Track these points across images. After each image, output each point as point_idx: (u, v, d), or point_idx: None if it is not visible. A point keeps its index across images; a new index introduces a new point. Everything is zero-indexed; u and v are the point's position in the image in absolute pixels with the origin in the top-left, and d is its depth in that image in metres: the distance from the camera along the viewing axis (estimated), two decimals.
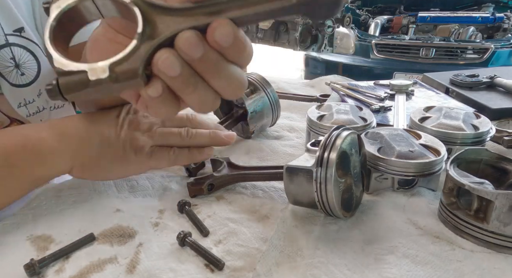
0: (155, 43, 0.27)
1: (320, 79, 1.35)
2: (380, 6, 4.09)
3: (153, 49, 0.27)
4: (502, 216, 0.50)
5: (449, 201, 0.57)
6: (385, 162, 0.62)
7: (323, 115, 0.81)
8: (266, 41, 1.99)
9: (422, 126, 0.78)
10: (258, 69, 1.13)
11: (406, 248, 0.52)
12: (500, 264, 0.49)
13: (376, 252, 0.52)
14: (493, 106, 0.97)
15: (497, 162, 0.62)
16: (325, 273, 0.48)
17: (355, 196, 0.58)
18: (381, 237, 0.54)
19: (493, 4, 3.68)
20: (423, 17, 3.52)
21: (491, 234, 0.51)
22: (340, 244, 0.53)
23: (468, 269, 0.48)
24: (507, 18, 3.33)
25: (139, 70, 0.27)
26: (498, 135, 0.77)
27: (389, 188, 0.66)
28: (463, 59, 2.85)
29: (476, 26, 3.27)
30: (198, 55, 0.26)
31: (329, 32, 1.88)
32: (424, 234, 0.55)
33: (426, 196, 0.64)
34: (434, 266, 0.49)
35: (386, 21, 3.65)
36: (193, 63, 0.27)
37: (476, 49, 2.86)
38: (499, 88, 1.09)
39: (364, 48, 3.09)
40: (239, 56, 0.28)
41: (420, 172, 0.62)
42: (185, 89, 0.28)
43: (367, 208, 0.61)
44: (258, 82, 0.83)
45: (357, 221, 0.58)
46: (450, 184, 0.57)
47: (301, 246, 0.52)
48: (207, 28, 0.27)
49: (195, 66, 0.28)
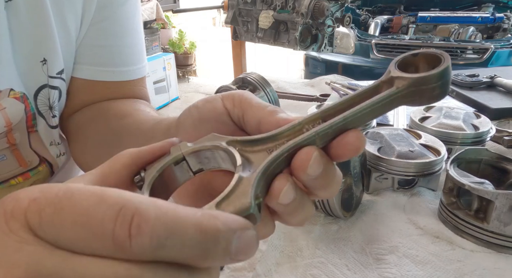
0: (261, 170, 0.24)
1: (320, 79, 1.35)
2: (380, 6, 4.09)
3: (260, 176, 0.23)
4: (502, 216, 0.50)
5: (449, 201, 0.57)
6: (385, 161, 0.62)
7: None
8: (266, 41, 1.98)
9: (422, 126, 0.77)
10: (258, 69, 1.13)
11: (406, 248, 0.52)
12: (500, 264, 0.49)
13: (376, 252, 0.52)
14: (493, 106, 0.96)
15: (497, 162, 0.62)
16: (325, 273, 0.48)
17: (355, 196, 0.58)
18: (381, 237, 0.54)
19: (493, 4, 3.68)
20: (423, 17, 3.51)
21: (491, 234, 0.51)
22: (340, 244, 0.53)
23: (468, 269, 0.48)
24: (507, 18, 3.33)
25: (251, 204, 0.22)
26: (498, 135, 0.77)
27: (389, 188, 0.66)
28: (463, 59, 2.85)
29: (476, 26, 3.27)
30: (320, 172, 0.24)
31: (329, 32, 1.88)
32: (424, 234, 0.55)
33: (426, 196, 0.64)
34: (434, 266, 0.49)
35: (386, 21, 3.65)
36: (307, 182, 0.24)
37: (476, 49, 2.86)
38: (499, 88, 1.09)
39: (364, 48, 3.09)
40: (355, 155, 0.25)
41: (420, 172, 0.62)
42: (294, 212, 0.25)
43: (367, 208, 0.61)
44: (257, 82, 0.83)
45: (357, 221, 0.58)
46: (450, 184, 0.57)
47: (301, 246, 0.52)
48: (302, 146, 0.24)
49: (309, 184, 0.25)
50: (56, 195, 0.18)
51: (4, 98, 0.46)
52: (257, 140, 0.26)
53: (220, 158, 0.26)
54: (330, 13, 1.87)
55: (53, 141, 0.56)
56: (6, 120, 0.47)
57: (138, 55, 0.58)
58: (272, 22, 1.94)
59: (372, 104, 0.24)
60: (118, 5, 0.53)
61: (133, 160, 0.24)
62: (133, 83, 0.57)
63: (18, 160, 0.52)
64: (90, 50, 0.53)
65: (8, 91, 0.46)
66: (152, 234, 0.17)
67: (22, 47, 0.46)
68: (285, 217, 0.25)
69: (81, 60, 0.54)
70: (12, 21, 0.44)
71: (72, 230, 0.17)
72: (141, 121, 0.47)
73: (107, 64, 0.55)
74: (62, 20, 0.49)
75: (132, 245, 0.17)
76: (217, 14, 7.01)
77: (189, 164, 0.26)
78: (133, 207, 0.17)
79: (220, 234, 0.18)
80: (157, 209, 0.17)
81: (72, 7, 0.49)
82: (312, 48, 1.99)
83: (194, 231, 0.18)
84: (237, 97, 0.29)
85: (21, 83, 0.47)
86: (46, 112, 0.52)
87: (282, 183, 0.24)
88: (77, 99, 0.56)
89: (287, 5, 1.90)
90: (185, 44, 4.81)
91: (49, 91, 0.51)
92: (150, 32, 3.95)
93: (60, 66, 0.50)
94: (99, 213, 0.17)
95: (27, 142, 0.52)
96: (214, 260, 0.18)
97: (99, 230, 0.17)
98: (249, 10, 2.08)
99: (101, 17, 0.52)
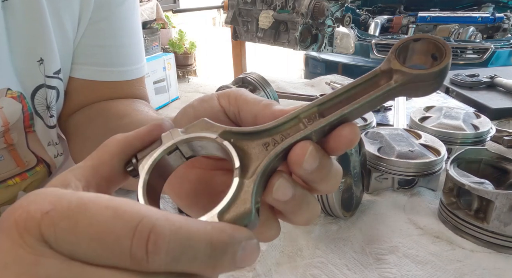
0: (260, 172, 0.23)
1: (320, 78, 1.35)
2: (380, 6, 4.09)
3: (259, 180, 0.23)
4: (502, 215, 0.50)
5: (449, 201, 0.57)
6: (385, 161, 0.62)
7: None
8: (266, 41, 1.98)
9: (422, 126, 0.77)
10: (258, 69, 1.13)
11: (406, 248, 0.52)
12: (500, 264, 0.49)
13: (376, 252, 0.52)
14: (493, 106, 0.97)
15: (497, 162, 0.62)
16: (325, 273, 0.48)
17: (355, 196, 0.58)
18: (381, 237, 0.54)
19: (493, 4, 3.68)
20: (423, 17, 3.51)
21: (491, 234, 0.51)
22: (340, 244, 0.53)
23: (468, 269, 0.48)
24: (507, 18, 3.33)
25: (252, 211, 0.22)
26: (498, 135, 0.77)
27: (389, 187, 0.66)
28: (463, 59, 2.85)
29: (476, 26, 3.27)
30: (316, 165, 0.23)
31: (329, 32, 1.87)
32: (424, 234, 0.55)
33: (426, 196, 0.64)
34: (434, 266, 0.49)
35: (386, 21, 3.65)
36: (305, 176, 0.24)
37: (476, 49, 2.86)
38: (499, 88, 1.09)
39: (364, 48, 3.09)
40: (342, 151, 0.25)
41: (420, 172, 0.62)
42: (298, 210, 0.25)
43: (367, 208, 0.61)
44: (257, 82, 0.83)
45: (357, 221, 0.58)
46: (450, 184, 0.57)
47: (301, 246, 0.52)
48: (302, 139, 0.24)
49: (308, 178, 0.24)
50: (68, 208, 0.18)
51: (1, 97, 0.46)
52: (252, 132, 0.25)
53: (213, 148, 0.26)
54: (330, 13, 1.87)
55: (51, 141, 0.56)
56: (4, 120, 0.47)
57: (137, 55, 0.58)
58: (272, 22, 1.94)
59: (371, 100, 0.24)
60: (116, 5, 0.53)
61: (122, 148, 0.24)
62: (132, 83, 0.57)
63: (15, 160, 0.52)
64: (88, 50, 0.53)
65: (5, 91, 0.46)
66: (168, 250, 0.17)
67: (19, 47, 0.46)
68: (290, 216, 0.25)
69: (80, 61, 0.53)
70: (9, 21, 0.44)
71: (88, 245, 0.17)
72: (140, 121, 0.47)
73: (106, 64, 0.54)
74: (59, 20, 0.48)
75: (149, 260, 0.17)
76: (217, 14, 7.00)
77: (182, 152, 0.26)
78: (149, 224, 0.17)
79: (228, 247, 0.19)
80: (172, 225, 0.18)
81: (69, 7, 0.49)
82: (312, 48, 1.99)
83: (205, 245, 0.18)
84: (233, 95, 0.29)
85: (18, 83, 0.47)
86: (43, 112, 0.52)
87: (277, 179, 0.24)
88: (76, 100, 0.56)
89: (287, 5, 1.90)
90: (185, 44, 4.81)
91: (46, 91, 0.51)
92: (150, 32, 3.95)
93: (57, 66, 0.50)
94: (115, 229, 0.17)
95: (24, 142, 0.52)
96: (222, 270, 0.19)
97: (117, 247, 0.17)
98: (249, 10, 2.08)
99: (99, 17, 0.52)
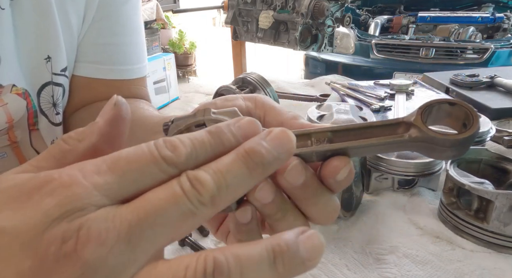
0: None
1: (320, 79, 1.35)
2: (380, 6, 4.08)
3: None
4: (502, 216, 0.50)
5: (449, 201, 0.57)
6: (385, 161, 0.62)
7: (323, 115, 0.80)
8: (266, 41, 1.98)
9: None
10: (258, 69, 1.13)
11: (406, 248, 0.52)
12: (500, 264, 0.49)
13: (376, 252, 0.52)
14: (493, 106, 0.97)
15: (497, 162, 0.62)
16: (325, 273, 0.48)
17: (355, 196, 0.58)
18: (381, 237, 0.54)
19: (493, 4, 3.68)
20: (423, 17, 3.51)
21: (491, 234, 0.51)
22: (340, 244, 0.53)
23: (468, 269, 0.48)
24: (507, 18, 3.32)
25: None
26: (498, 135, 0.77)
27: (389, 188, 0.66)
28: (463, 59, 2.84)
29: (476, 26, 3.27)
30: (300, 182, 0.25)
31: (329, 32, 1.88)
32: (424, 234, 0.55)
33: (426, 196, 0.64)
34: (434, 266, 0.49)
35: (386, 21, 3.65)
36: (289, 190, 0.26)
37: (476, 49, 2.85)
38: (499, 88, 1.09)
39: (364, 48, 3.08)
40: (339, 185, 0.26)
41: (420, 172, 0.62)
42: (273, 215, 0.26)
43: (367, 208, 0.61)
44: (257, 82, 0.83)
45: (357, 221, 0.58)
46: (450, 184, 0.57)
47: None
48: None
49: (291, 193, 0.26)
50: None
51: (6, 94, 0.46)
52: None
53: None
54: (330, 13, 1.87)
55: (55, 139, 0.56)
56: (8, 116, 0.47)
57: (139, 55, 0.58)
58: (272, 22, 1.94)
59: (379, 144, 0.25)
60: (119, 3, 0.53)
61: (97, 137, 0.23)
62: (133, 83, 0.57)
63: (18, 158, 0.52)
64: (90, 48, 0.53)
65: (11, 87, 0.46)
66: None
67: (26, 45, 0.46)
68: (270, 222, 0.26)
69: (82, 58, 0.54)
70: (17, 19, 0.44)
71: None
72: (146, 117, 0.47)
73: (107, 62, 0.55)
74: (66, 18, 0.49)
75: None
76: (217, 14, 7.00)
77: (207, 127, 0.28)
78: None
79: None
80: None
81: (75, 5, 0.49)
82: (312, 48, 1.99)
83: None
84: (259, 99, 0.31)
85: (24, 80, 0.47)
86: (49, 110, 0.52)
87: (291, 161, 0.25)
88: (78, 98, 0.56)
89: (287, 5, 1.90)
90: (185, 44, 4.82)
91: (53, 88, 0.51)
92: (150, 32, 3.95)
93: (64, 64, 0.51)
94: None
95: (28, 140, 0.52)
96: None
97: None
98: (249, 10, 2.08)
99: (102, 15, 0.52)
